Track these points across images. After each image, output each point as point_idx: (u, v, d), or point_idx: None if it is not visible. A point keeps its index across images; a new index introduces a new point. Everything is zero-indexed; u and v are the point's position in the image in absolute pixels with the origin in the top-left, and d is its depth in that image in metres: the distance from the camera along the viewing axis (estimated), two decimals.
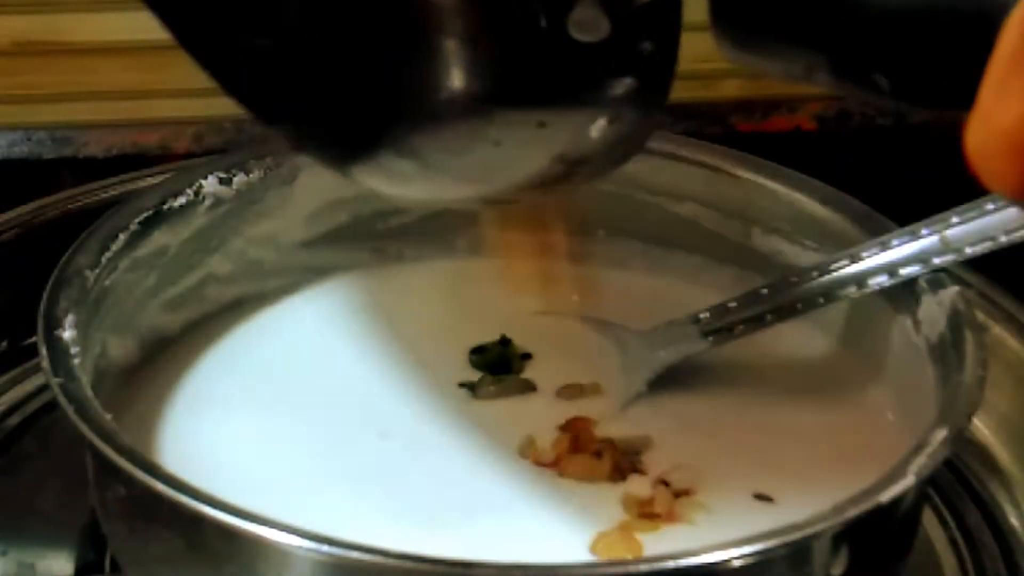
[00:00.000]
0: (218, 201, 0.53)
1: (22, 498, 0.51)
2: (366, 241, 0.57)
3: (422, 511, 0.45)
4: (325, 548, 0.37)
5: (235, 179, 0.53)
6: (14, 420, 0.54)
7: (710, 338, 0.50)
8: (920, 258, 0.48)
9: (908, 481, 0.39)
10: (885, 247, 0.48)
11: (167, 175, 0.54)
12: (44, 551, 0.49)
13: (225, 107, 0.73)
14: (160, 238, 0.51)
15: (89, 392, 0.42)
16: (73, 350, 0.44)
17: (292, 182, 0.54)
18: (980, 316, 0.55)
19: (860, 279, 0.48)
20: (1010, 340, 0.55)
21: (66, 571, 0.48)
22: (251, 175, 0.53)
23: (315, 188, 0.55)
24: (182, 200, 0.52)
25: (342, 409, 0.49)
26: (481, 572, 0.39)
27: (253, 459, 0.47)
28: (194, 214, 0.52)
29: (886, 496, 0.39)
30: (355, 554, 0.37)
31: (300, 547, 0.37)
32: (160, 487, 0.38)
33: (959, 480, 0.53)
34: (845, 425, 0.50)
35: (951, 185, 0.69)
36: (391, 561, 0.37)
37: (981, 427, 0.54)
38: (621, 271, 0.57)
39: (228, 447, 0.47)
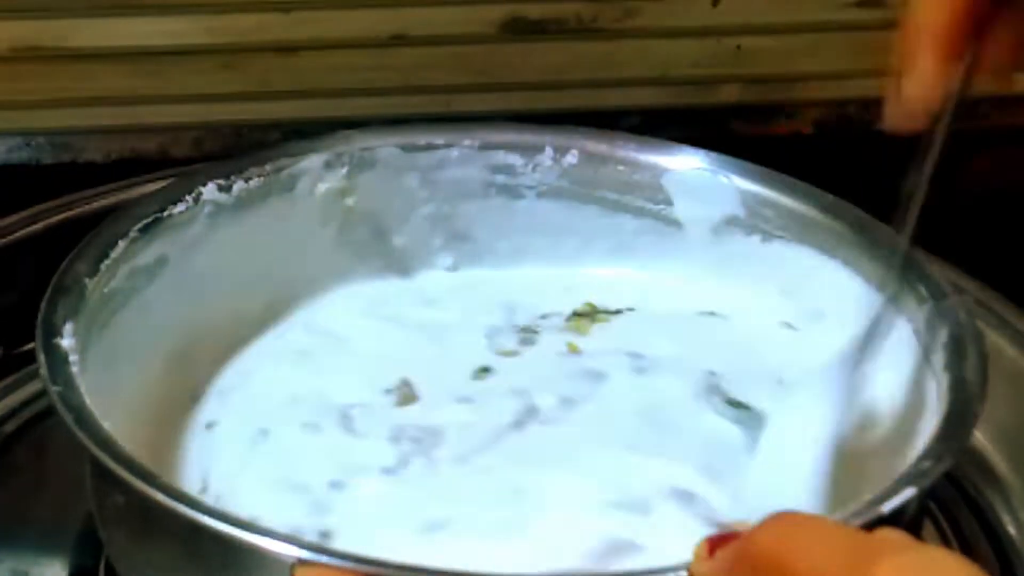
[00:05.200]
0: (217, 208, 0.53)
1: (17, 505, 0.51)
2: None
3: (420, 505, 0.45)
4: (324, 558, 0.37)
5: (235, 186, 0.53)
6: (10, 427, 0.54)
7: None
8: None
9: (909, 493, 0.39)
10: None
11: (166, 181, 0.54)
12: (38, 558, 0.49)
13: (224, 112, 0.74)
14: (160, 246, 0.51)
15: (87, 400, 0.42)
16: (72, 358, 0.44)
17: (292, 189, 0.54)
18: (977, 324, 0.55)
19: None
20: (1007, 348, 0.55)
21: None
22: (250, 182, 0.53)
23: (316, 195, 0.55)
24: (181, 207, 0.51)
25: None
26: None
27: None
28: (194, 221, 0.52)
29: (888, 507, 0.39)
30: (352, 564, 0.37)
31: (297, 557, 0.37)
32: (158, 496, 0.38)
33: (955, 488, 0.53)
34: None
35: (951, 189, 0.69)
36: (389, 572, 0.37)
37: (978, 435, 0.54)
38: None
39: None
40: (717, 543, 0.33)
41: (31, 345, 0.44)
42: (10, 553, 0.49)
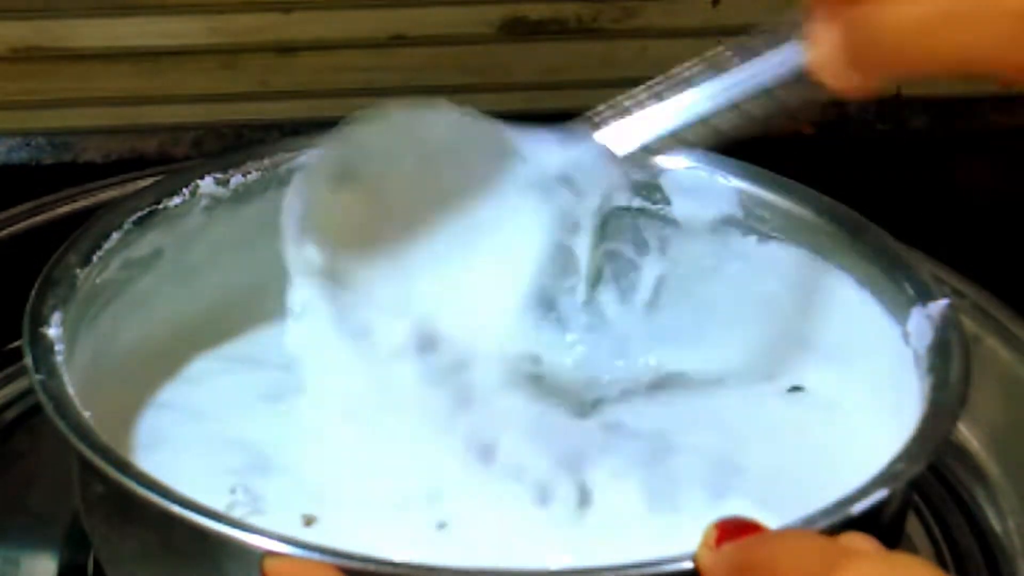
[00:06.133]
0: (214, 202, 0.52)
1: (11, 496, 0.51)
2: None
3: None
4: (292, 550, 0.37)
5: (232, 180, 0.53)
6: (8, 417, 0.54)
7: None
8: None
9: (880, 494, 0.39)
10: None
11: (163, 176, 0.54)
12: (30, 549, 0.49)
13: (224, 112, 0.74)
14: (154, 238, 0.51)
15: (70, 389, 0.42)
16: (57, 347, 0.44)
17: (289, 183, 0.54)
18: (973, 327, 0.55)
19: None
20: (1002, 352, 0.55)
21: (51, 569, 0.48)
22: (248, 176, 0.53)
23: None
24: (177, 200, 0.51)
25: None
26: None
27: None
28: (189, 214, 0.52)
29: (858, 508, 0.39)
30: (319, 556, 0.37)
31: (266, 549, 0.37)
32: (131, 485, 0.39)
33: (944, 486, 0.53)
34: (837, 432, 0.50)
35: (949, 190, 0.69)
36: (356, 564, 0.37)
37: (969, 436, 0.54)
38: None
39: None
40: (726, 533, 0.35)
41: None
42: (2, 542, 0.49)
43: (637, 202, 0.55)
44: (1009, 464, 0.53)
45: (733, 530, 0.35)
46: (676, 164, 0.55)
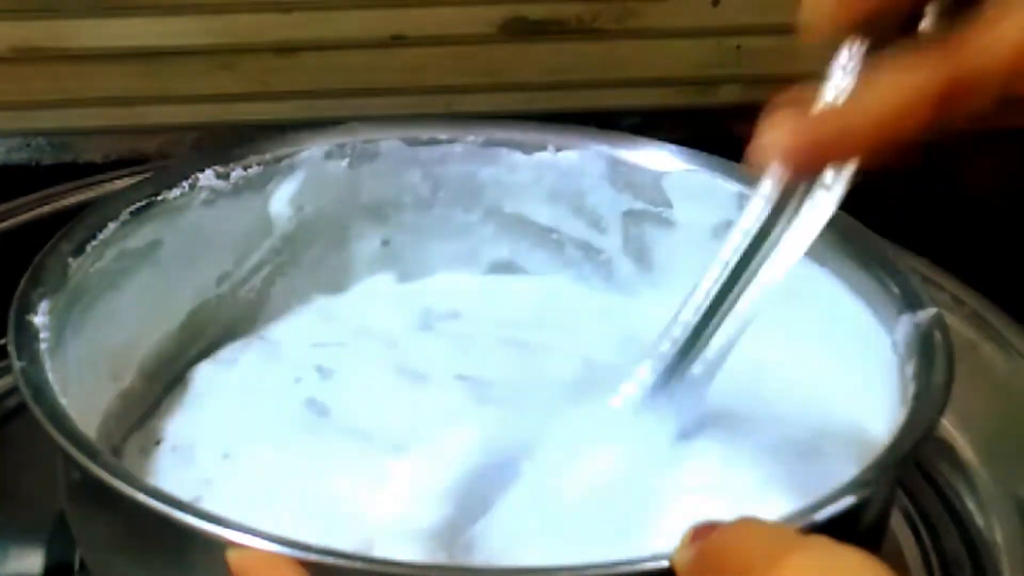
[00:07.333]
0: (214, 195, 0.52)
1: (2, 485, 0.51)
2: None
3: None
4: (254, 541, 0.36)
5: (232, 173, 0.52)
6: (7, 405, 0.55)
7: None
8: None
9: (847, 501, 0.39)
10: None
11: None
12: (18, 538, 0.50)
13: (224, 113, 0.74)
14: (151, 229, 0.50)
15: (50, 377, 0.42)
16: (43, 335, 0.44)
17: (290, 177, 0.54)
18: (971, 334, 0.55)
19: None
20: (998, 359, 0.55)
21: (38, 558, 0.49)
22: (249, 170, 0.53)
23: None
24: (176, 192, 0.51)
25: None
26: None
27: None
28: (188, 207, 0.51)
29: (822, 515, 0.38)
30: (283, 548, 0.36)
31: (227, 539, 0.37)
32: (101, 473, 0.38)
33: (938, 496, 0.53)
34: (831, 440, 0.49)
35: (949, 194, 0.68)
36: (317, 556, 0.36)
37: (965, 445, 0.54)
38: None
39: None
40: (700, 533, 0.35)
41: None
42: None
43: (639, 205, 0.55)
44: (999, 470, 0.53)
45: (708, 532, 0.35)
46: (677, 167, 0.55)
